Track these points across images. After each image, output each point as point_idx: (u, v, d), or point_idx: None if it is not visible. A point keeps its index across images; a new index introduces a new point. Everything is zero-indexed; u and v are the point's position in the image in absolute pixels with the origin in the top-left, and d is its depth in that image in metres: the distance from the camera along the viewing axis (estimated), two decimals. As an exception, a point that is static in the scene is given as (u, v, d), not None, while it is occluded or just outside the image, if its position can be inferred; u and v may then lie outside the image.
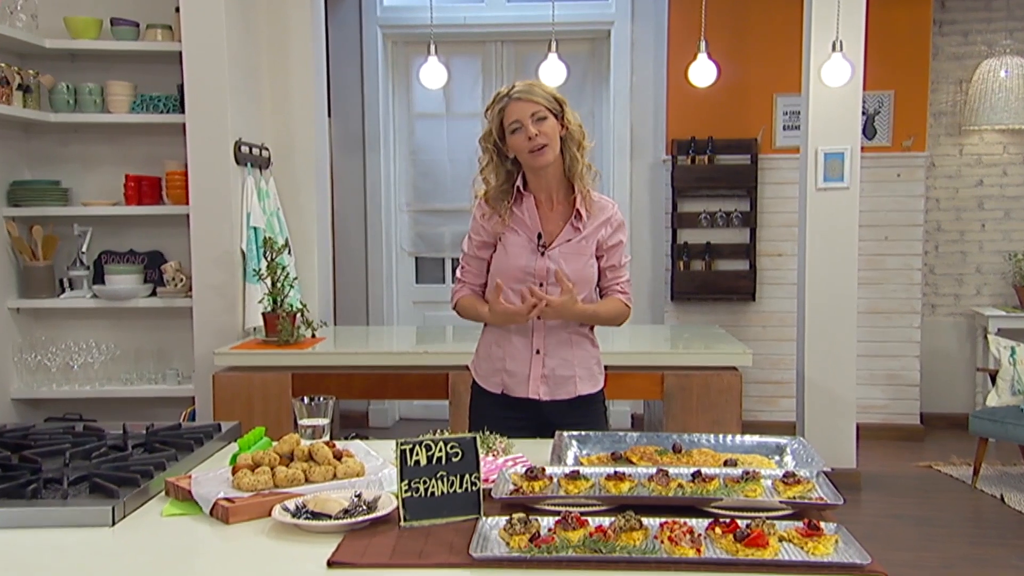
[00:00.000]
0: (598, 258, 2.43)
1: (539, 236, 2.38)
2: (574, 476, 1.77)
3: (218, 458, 2.11)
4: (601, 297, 2.49)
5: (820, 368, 4.68)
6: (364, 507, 1.64)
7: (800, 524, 1.52)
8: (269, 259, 3.93)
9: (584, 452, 2.06)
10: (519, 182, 2.40)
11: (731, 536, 1.47)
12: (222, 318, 4.03)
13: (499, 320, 2.39)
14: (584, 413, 2.45)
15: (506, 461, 1.97)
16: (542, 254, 2.37)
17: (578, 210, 2.37)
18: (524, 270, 2.37)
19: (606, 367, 2.54)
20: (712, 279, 5.66)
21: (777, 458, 2.00)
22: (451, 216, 6.07)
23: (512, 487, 1.75)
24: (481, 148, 2.44)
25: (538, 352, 2.41)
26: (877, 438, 5.53)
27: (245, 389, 3.65)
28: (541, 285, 2.36)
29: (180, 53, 3.96)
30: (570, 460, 2.00)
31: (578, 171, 2.38)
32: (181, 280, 4.21)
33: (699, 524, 1.54)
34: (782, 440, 2.06)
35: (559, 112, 2.34)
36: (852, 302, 4.66)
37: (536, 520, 1.54)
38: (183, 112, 4.00)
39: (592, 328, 2.50)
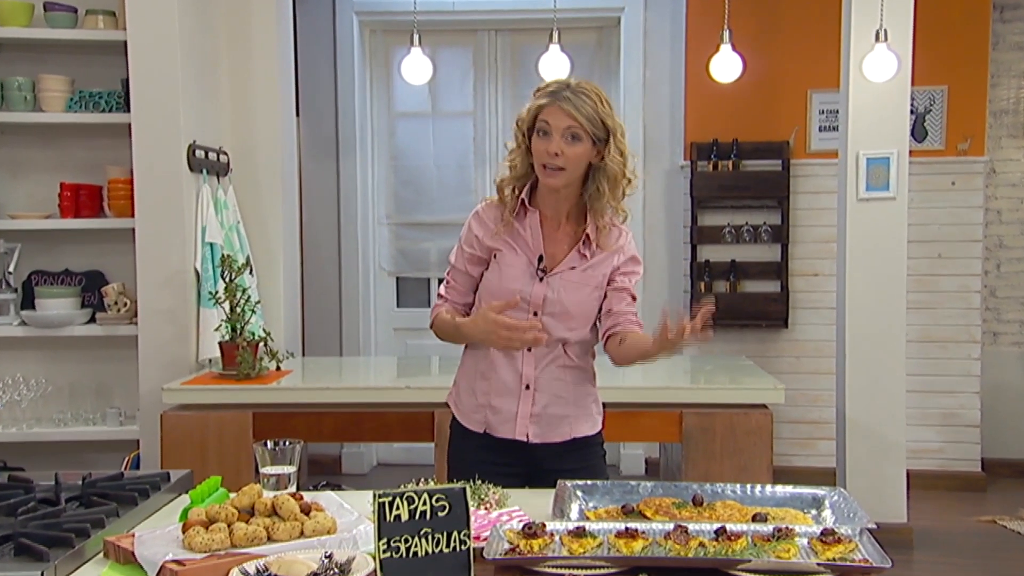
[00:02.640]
0: (609, 287, 2.43)
1: (540, 259, 2.38)
2: (579, 533, 1.76)
3: (166, 513, 2.10)
4: (604, 337, 2.46)
5: (864, 406, 4.67)
6: (336, 570, 1.63)
7: (841, 589, 1.52)
8: (227, 280, 3.93)
9: (591, 505, 2.06)
10: (525, 193, 2.40)
11: (761, 604, 1.47)
12: (172, 348, 4.03)
13: (481, 331, 2.31)
14: (579, 458, 2.45)
15: (500, 515, 1.96)
16: (540, 279, 2.38)
17: (587, 235, 2.38)
18: (518, 295, 2.35)
19: (615, 403, 2.55)
20: (738, 303, 5.67)
21: (814, 512, 2.00)
22: (437, 230, 6.08)
23: (507, 546, 1.75)
24: (515, 128, 2.40)
25: (528, 387, 2.41)
26: (931, 488, 5.51)
27: (198, 431, 3.64)
28: (536, 314, 2.36)
29: (125, 43, 3.98)
30: (574, 514, 1.99)
31: (601, 206, 2.36)
32: (125, 304, 4.20)
33: (724, 589, 1.53)
34: (820, 491, 2.06)
35: (603, 139, 2.31)
36: (900, 329, 4.67)
37: (535, 585, 1.54)
38: (128, 111, 4.01)
39: (591, 361, 2.50)
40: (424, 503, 1.65)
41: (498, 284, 2.39)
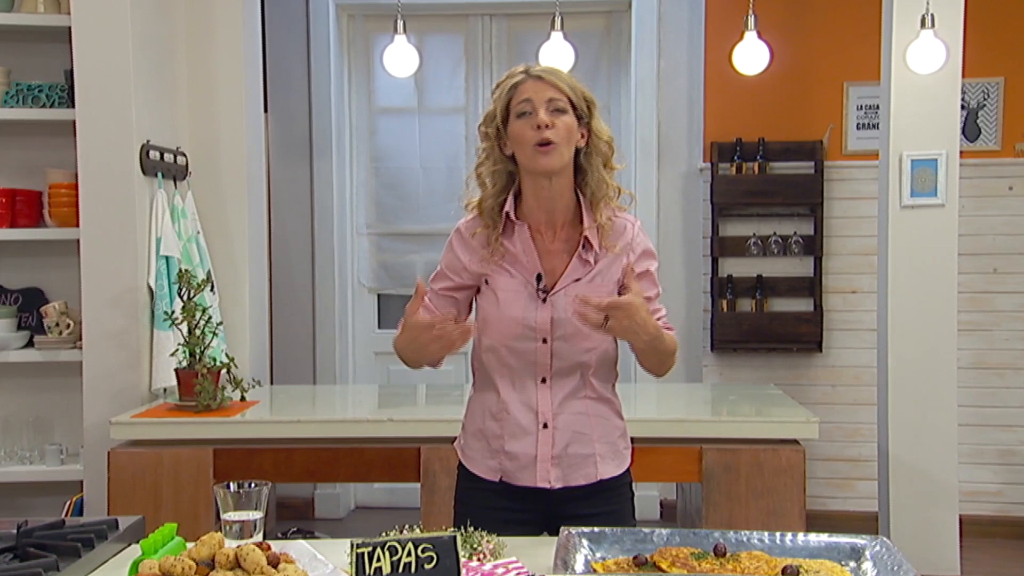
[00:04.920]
0: (624, 293, 2.43)
1: (538, 278, 2.37)
2: (585, 588, 1.75)
3: (114, 566, 2.09)
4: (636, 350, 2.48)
5: (910, 442, 4.66)
6: (306, 631, 1.62)
7: (884, 653, 1.51)
8: (185, 298, 3.92)
9: (598, 555, 2.05)
10: (509, 206, 2.39)
11: (793, 669, 1.46)
12: (121, 376, 4.01)
13: (409, 335, 2.31)
14: (604, 502, 2.45)
15: (495, 567, 1.96)
16: (543, 301, 2.37)
17: (586, 237, 2.37)
18: (521, 323, 2.36)
19: (627, 438, 2.54)
20: (765, 323, 5.67)
21: (853, 565, 1.99)
22: (424, 241, 6.08)
23: (503, 603, 1.74)
24: (480, 135, 2.43)
25: (545, 426, 2.40)
26: (987, 535, 5.50)
27: (151, 471, 3.63)
28: (544, 341, 2.36)
29: (69, 29, 3.98)
30: (579, 566, 1.98)
31: (601, 195, 2.37)
32: (67, 326, 4.19)
33: (751, 653, 1.53)
34: (860, 540, 2.05)
35: (586, 116, 2.36)
36: (951, 354, 4.66)
37: (535, 648, 1.53)
38: (72, 106, 4.02)
39: (614, 389, 2.50)
40: (408, 554, 1.64)
41: (497, 314, 2.38)
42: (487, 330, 2.41)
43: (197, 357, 3.89)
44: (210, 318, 3.97)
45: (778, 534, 2.07)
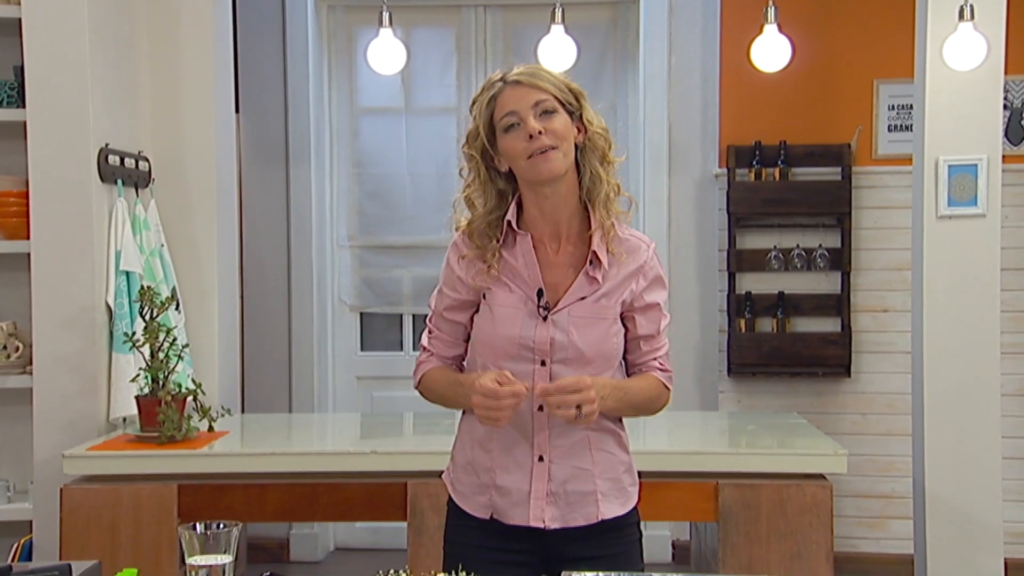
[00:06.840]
0: (624, 321, 2.43)
1: (539, 293, 2.37)
2: (591, 642, 1.74)
3: (64, 616, 2.07)
4: (629, 376, 2.49)
5: (948, 476, 4.64)
6: None
7: None
8: (147, 318, 3.91)
9: (605, 604, 2.04)
10: (511, 214, 2.39)
11: None
12: (76, 405, 4.00)
13: (466, 395, 2.35)
14: (608, 544, 2.44)
15: (491, 619, 1.94)
16: (544, 319, 2.36)
17: (595, 252, 2.37)
18: (518, 342, 2.35)
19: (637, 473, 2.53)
20: (787, 345, 5.67)
21: (890, 614, 1.98)
22: (412, 254, 6.08)
23: (499, 659, 1.72)
24: (464, 156, 2.45)
25: (541, 459, 2.39)
26: (1034, 579, 5.50)
27: (109, 510, 3.61)
28: (543, 363, 2.35)
29: (19, 21, 3.97)
30: (585, 617, 1.97)
31: (600, 196, 2.38)
32: (16, 349, 4.18)
33: None
34: (897, 587, 2.04)
35: (575, 109, 2.37)
36: (993, 379, 4.64)
37: None
38: (23, 106, 4.01)
39: (620, 419, 2.49)
40: (394, 603, 1.63)
41: (491, 331, 2.39)
42: (481, 349, 2.42)
43: (160, 383, 3.87)
44: (175, 340, 3.96)
45: (806, 581, 2.06)
